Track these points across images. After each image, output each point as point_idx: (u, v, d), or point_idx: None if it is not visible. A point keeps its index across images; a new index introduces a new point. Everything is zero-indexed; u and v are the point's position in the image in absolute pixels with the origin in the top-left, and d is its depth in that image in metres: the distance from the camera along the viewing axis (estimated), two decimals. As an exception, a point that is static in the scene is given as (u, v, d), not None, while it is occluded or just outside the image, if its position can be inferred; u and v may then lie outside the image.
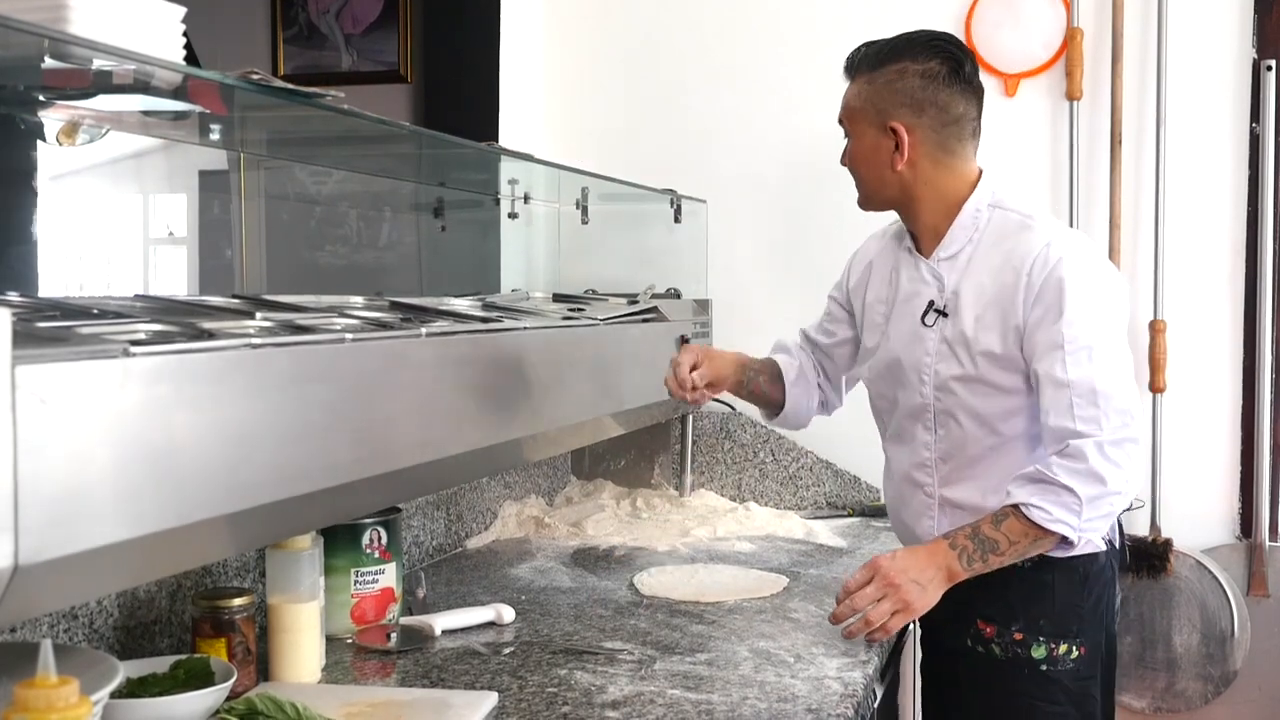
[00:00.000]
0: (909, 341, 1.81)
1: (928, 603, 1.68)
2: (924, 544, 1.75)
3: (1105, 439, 1.63)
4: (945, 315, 1.77)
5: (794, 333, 2.11)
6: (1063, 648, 1.74)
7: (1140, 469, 1.70)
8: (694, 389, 1.87)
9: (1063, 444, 1.65)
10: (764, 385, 2.03)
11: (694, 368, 1.88)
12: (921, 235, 1.82)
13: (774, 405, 2.05)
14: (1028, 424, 1.74)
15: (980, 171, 1.82)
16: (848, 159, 1.85)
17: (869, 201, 1.86)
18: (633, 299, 2.34)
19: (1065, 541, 1.66)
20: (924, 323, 1.79)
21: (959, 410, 1.76)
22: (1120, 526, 1.90)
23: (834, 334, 2.03)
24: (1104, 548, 1.78)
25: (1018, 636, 1.75)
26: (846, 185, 2.14)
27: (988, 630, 1.77)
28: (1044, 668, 1.74)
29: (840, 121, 1.85)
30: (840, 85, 1.97)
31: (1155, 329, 2.58)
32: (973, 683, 1.81)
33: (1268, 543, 2.56)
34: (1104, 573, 1.79)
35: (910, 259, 1.84)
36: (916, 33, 1.81)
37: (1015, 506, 1.65)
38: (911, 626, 2.06)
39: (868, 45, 1.83)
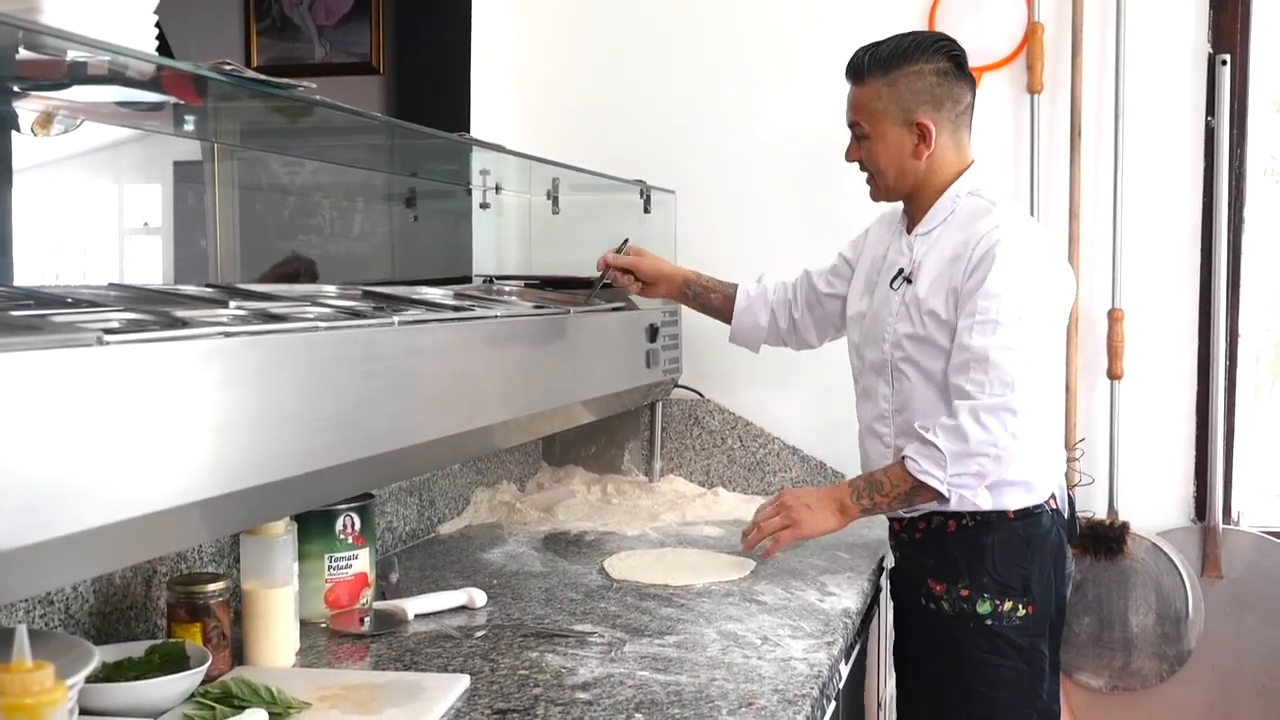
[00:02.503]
0: (881, 304, 1.99)
1: (815, 525, 1.94)
2: None
3: (980, 404, 1.80)
4: (910, 282, 1.94)
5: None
6: (1008, 605, 1.88)
7: (1021, 440, 1.82)
8: (610, 267, 2.19)
9: (953, 403, 1.84)
10: (715, 302, 2.29)
11: (627, 258, 2.21)
12: (915, 215, 1.99)
13: (727, 321, 2.30)
14: None
15: (972, 161, 1.98)
16: (864, 155, 1.98)
17: (889, 194, 2.02)
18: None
19: (940, 496, 1.84)
20: (891, 287, 1.97)
21: (909, 366, 1.93)
22: (1071, 500, 2.06)
23: (833, 286, 2.20)
24: (1047, 507, 1.92)
25: (964, 593, 1.90)
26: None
27: (937, 588, 1.92)
28: (989, 622, 1.88)
29: (853, 124, 1.98)
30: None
31: (1113, 317, 2.63)
32: (929, 641, 1.96)
33: (1221, 525, 2.62)
34: (1049, 538, 1.92)
35: (899, 235, 2.02)
36: (919, 35, 1.98)
37: (903, 456, 1.85)
38: (882, 603, 2.11)
39: (872, 49, 1.96)
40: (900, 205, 2.06)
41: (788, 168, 2.76)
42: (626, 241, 2.29)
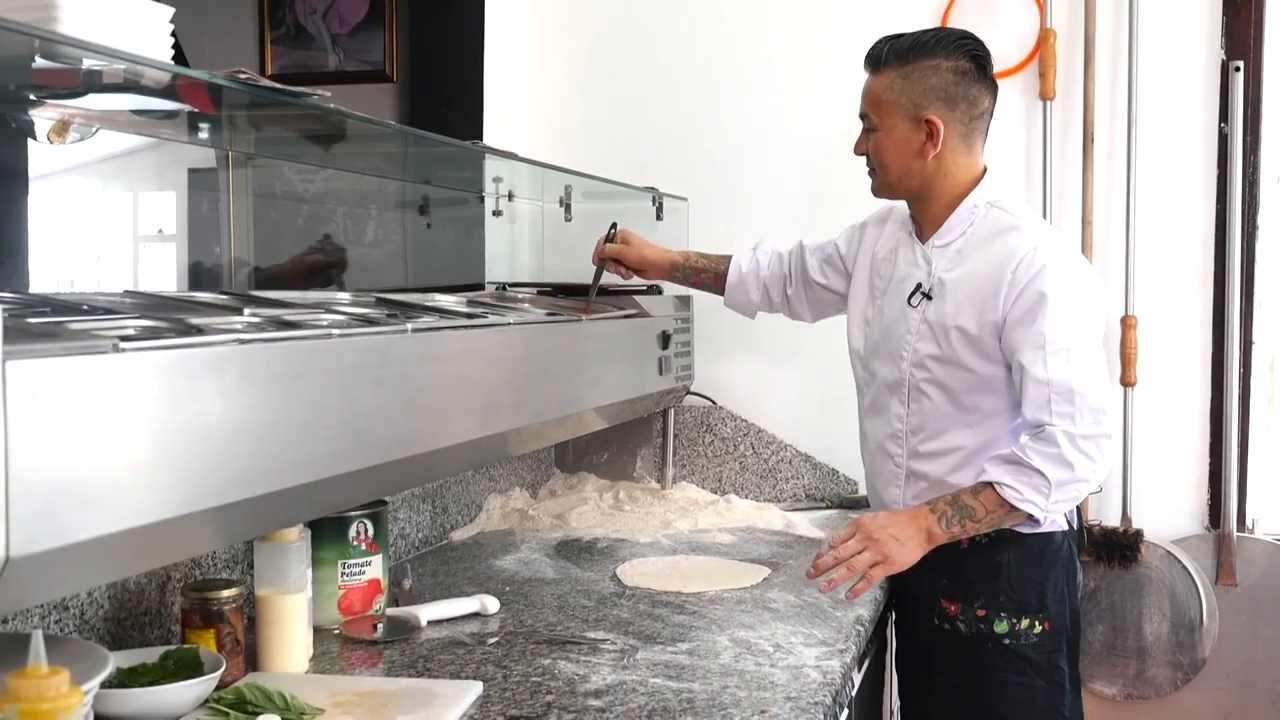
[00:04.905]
0: (895, 319, 1.93)
1: (906, 558, 1.78)
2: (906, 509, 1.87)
3: (1079, 432, 1.74)
4: (930, 298, 1.88)
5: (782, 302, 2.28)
6: (1024, 622, 1.85)
7: (1110, 462, 1.81)
8: (604, 258, 2.27)
9: (1038, 429, 1.76)
10: (707, 280, 2.32)
11: (615, 246, 2.28)
12: (925, 223, 1.93)
13: (720, 295, 2.33)
14: (990, 400, 1.85)
15: (985, 169, 1.92)
16: (871, 148, 1.92)
17: (889, 190, 1.95)
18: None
19: (1032, 519, 1.78)
20: (909, 303, 1.91)
21: (932, 386, 1.87)
22: (1079, 511, 2.02)
23: (827, 278, 2.18)
24: (1064, 527, 1.88)
25: (980, 613, 1.86)
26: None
27: (952, 609, 1.88)
28: (1007, 642, 1.85)
29: (864, 114, 1.92)
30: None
31: (1126, 324, 2.62)
32: (943, 661, 1.91)
33: (1235, 533, 2.61)
34: (1061, 552, 1.89)
35: (909, 242, 1.95)
36: (943, 30, 1.93)
37: (989, 484, 1.76)
38: (891, 615, 2.10)
39: (893, 40, 1.90)
40: (900, 205, 2.00)
41: (801, 175, 2.76)
42: (614, 226, 2.32)
